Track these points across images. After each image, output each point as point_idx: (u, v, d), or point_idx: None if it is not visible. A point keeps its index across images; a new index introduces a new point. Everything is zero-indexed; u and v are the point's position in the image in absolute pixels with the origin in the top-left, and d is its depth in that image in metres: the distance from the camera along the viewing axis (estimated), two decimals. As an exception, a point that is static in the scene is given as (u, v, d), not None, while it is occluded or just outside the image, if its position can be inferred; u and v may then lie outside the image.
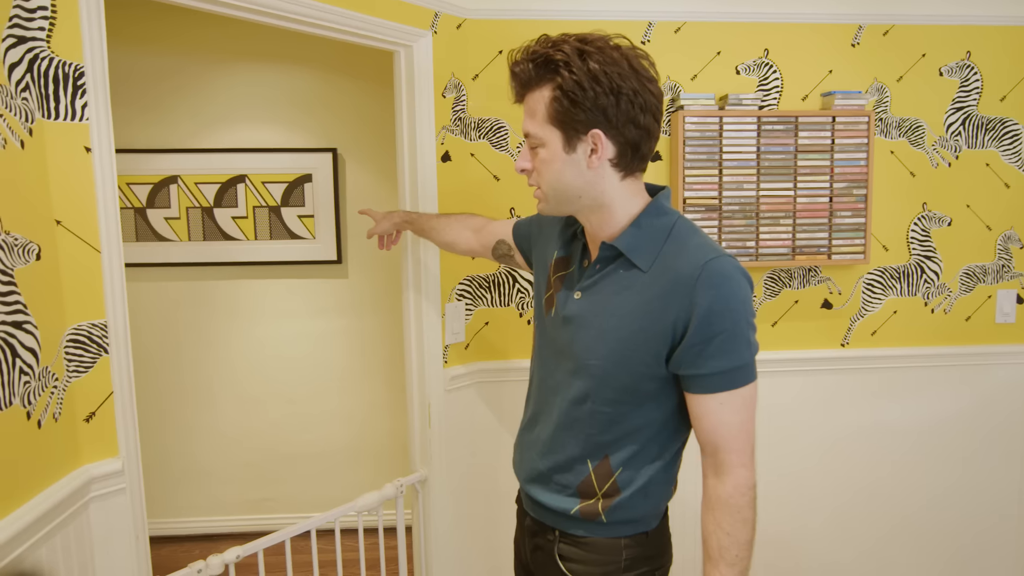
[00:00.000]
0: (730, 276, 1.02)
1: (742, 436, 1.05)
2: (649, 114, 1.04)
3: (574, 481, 1.16)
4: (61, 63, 1.24)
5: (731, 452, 1.05)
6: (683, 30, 2.07)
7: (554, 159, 1.06)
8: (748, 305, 1.04)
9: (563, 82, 1.00)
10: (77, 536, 1.29)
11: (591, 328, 1.11)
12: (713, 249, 1.04)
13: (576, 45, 1.01)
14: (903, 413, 2.25)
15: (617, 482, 1.13)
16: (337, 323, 3.09)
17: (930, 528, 2.30)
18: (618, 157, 1.05)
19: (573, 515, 1.16)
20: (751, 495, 1.06)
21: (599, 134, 1.03)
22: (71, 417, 1.30)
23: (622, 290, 1.08)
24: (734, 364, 1.03)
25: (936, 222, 2.21)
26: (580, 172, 1.06)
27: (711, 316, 1.01)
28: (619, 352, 1.08)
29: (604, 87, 0.99)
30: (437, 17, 1.90)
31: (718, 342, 1.02)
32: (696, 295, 1.01)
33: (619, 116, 1.01)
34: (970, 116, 2.17)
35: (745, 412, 1.05)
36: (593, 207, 1.10)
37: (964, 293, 2.24)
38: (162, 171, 2.95)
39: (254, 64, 2.92)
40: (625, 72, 1.00)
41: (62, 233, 1.27)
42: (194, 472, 3.09)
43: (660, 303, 1.04)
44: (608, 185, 1.07)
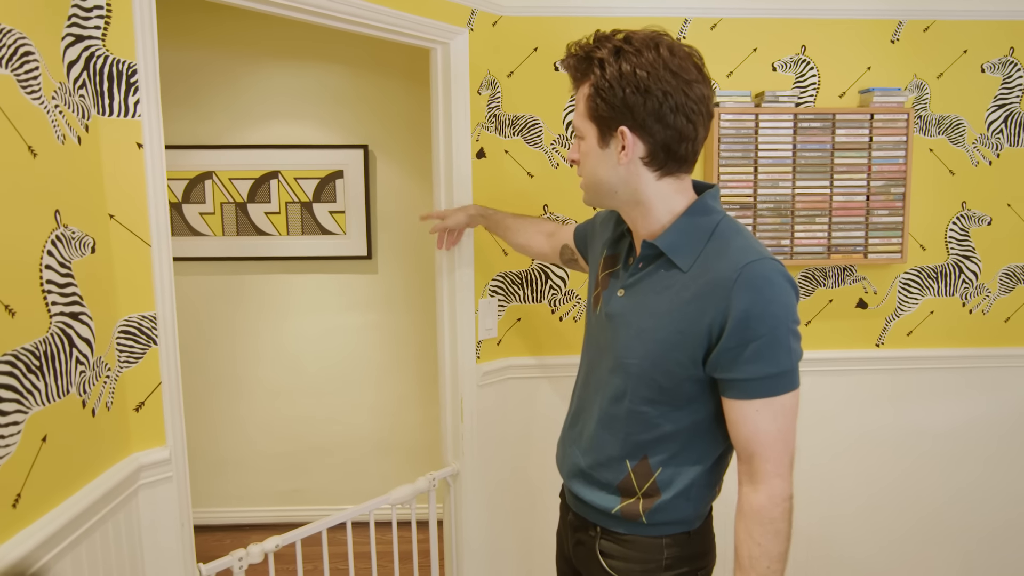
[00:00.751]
0: (770, 280, 1.00)
1: (779, 445, 1.03)
2: (681, 115, 1.03)
3: (614, 479, 1.16)
4: (116, 61, 1.27)
5: (767, 461, 1.03)
6: (719, 27, 2.06)
7: (591, 153, 1.10)
8: (790, 311, 1.02)
9: (596, 79, 1.05)
10: (127, 522, 1.32)
11: (630, 327, 1.12)
12: (755, 251, 1.03)
13: (616, 44, 1.04)
14: (939, 415, 2.22)
15: (657, 483, 1.13)
16: (367, 318, 3.12)
17: (962, 529, 2.27)
18: (649, 156, 1.06)
19: (614, 514, 1.16)
20: (786, 507, 1.03)
21: (626, 131, 1.05)
22: (122, 406, 1.33)
23: (662, 290, 1.08)
24: (772, 371, 1.01)
25: (975, 221, 2.17)
26: (613, 168, 1.08)
27: (748, 320, 0.99)
28: (656, 352, 1.08)
29: (632, 86, 1.01)
30: (474, 14, 1.92)
31: (755, 347, 1.00)
32: (733, 298, 0.99)
33: (646, 115, 1.02)
34: (1012, 113, 2.13)
35: (783, 420, 1.03)
36: (631, 203, 1.11)
37: (1003, 294, 2.21)
38: (197, 167, 3.00)
39: (286, 60, 2.95)
40: (657, 71, 1.01)
41: (115, 227, 1.30)
42: (225, 463, 3.14)
43: (698, 305, 1.03)
44: (643, 183, 1.08)
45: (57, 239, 1.14)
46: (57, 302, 1.14)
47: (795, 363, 1.03)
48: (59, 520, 1.12)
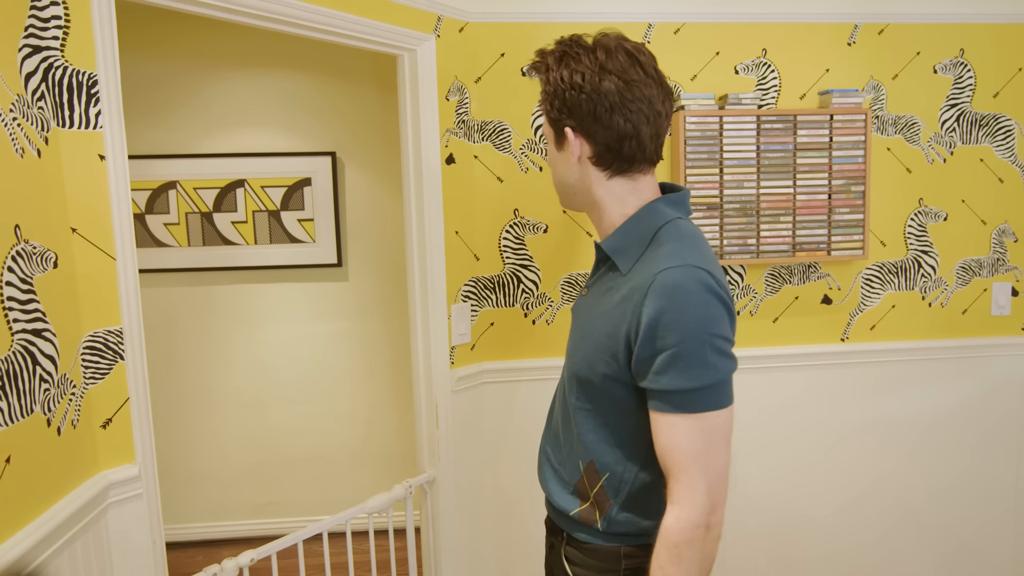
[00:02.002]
0: (684, 287, 0.95)
1: (695, 467, 0.95)
2: (618, 115, 1.02)
3: (571, 479, 1.15)
4: (75, 72, 1.25)
5: (678, 481, 0.96)
6: (682, 31, 2.09)
7: (551, 154, 1.14)
8: (708, 322, 0.95)
9: (544, 84, 1.08)
10: (96, 542, 1.30)
11: (581, 327, 1.14)
12: (678, 257, 0.98)
13: (562, 49, 1.06)
14: (903, 406, 2.28)
15: (605, 488, 1.09)
16: (338, 326, 3.09)
17: (931, 518, 2.33)
18: (596, 156, 1.06)
19: (573, 517, 1.14)
20: (693, 535, 0.95)
21: (569, 132, 1.06)
22: (89, 424, 1.30)
23: (606, 292, 1.08)
24: (685, 385, 0.94)
25: (932, 217, 2.24)
26: (569, 168, 1.10)
27: (657, 329, 0.95)
28: (590, 354, 1.07)
29: (574, 85, 1.03)
30: (440, 21, 1.92)
31: (665, 358, 0.95)
32: (644, 304, 0.96)
33: (583, 116, 1.04)
34: (964, 112, 2.21)
35: (702, 441, 0.95)
36: (588, 204, 1.12)
37: (960, 287, 2.28)
38: (161, 177, 2.95)
39: (251, 68, 2.92)
40: (591, 71, 1.02)
41: (78, 241, 1.28)
42: (197, 477, 3.08)
43: (621, 309, 1.01)
44: (594, 183, 1.09)
45: (17, 255, 1.12)
46: (19, 319, 1.12)
47: (716, 379, 0.95)
48: (26, 542, 1.09)
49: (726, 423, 0.97)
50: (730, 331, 0.99)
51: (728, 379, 0.98)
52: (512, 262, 2.12)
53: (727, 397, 0.98)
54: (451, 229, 2.01)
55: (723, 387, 0.97)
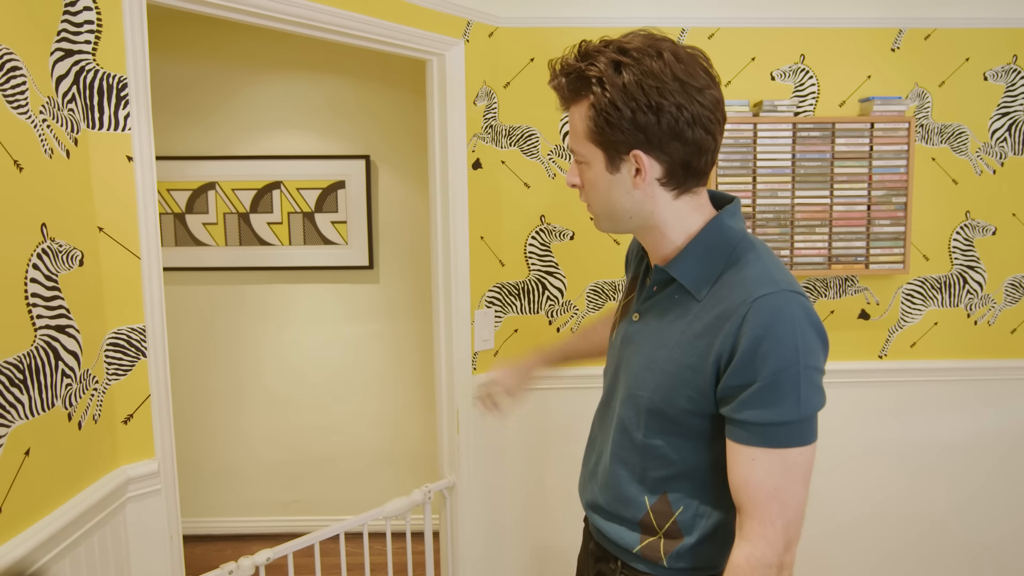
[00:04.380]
0: (784, 315, 0.88)
1: (772, 504, 0.89)
2: (699, 127, 0.92)
3: (634, 516, 1.06)
4: (105, 75, 1.28)
5: (753, 518, 0.90)
6: (716, 36, 2.05)
7: (599, 179, 0.98)
8: (805, 353, 0.88)
9: (596, 100, 0.92)
10: (114, 535, 1.32)
11: (642, 356, 1.03)
12: (772, 282, 0.91)
13: (612, 56, 0.91)
14: (943, 427, 2.18)
15: (678, 523, 1.02)
16: (369, 327, 3.12)
17: (965, 542, 2.22)
18: (667, 176, 0.95)
19: (635, 553, 1.06)
20: (765, 574, 0.89)
21: (640, 155, 0.93)
22: (110, 419, 1.33)
23: (675, 319, 0.99)
24: (774, 419, 0.88)
25: (980, 231, 2.14)
26: (627, 192, 0.96)
27: (753, 359, 0.88)
28: (667, 386, 0.98)
29: (641, 104, 0.89)
30: (469, 26, 1.92)
31: (756, 389, 0.88)
32: (740, 334, 0.89)
33: (661, 134, 0.91)
34: (1016, 121, 2.10)
35: (783, 479, 0.89)
36: (645, 227, 1.00)
37: (1009, 304, 2.17)
38: (201, 178, 3.02)
39: (289, 71, 2.97)
40: (667, 84, 0.89)
41: (104, 240, 1.31)
42: (225, 473, 3.14)
43: (708, 339, 0.93)
44: (659, 205, 0.97)
45: (43, 252, 1.15)
46: (43, 315, 1.15)
47: (806, 414, 0.89)
48: (43, 533, 1.12)
49: (808, 460, 0.90)
50: (823, 360, 0.92)
51: (815, 416, 0.91)
52: (537, 269, 2.10)
53: (812, 434, 0.91)
54: (476, 234, 2.00)
55: (810, 423, 0.91)
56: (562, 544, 2.19)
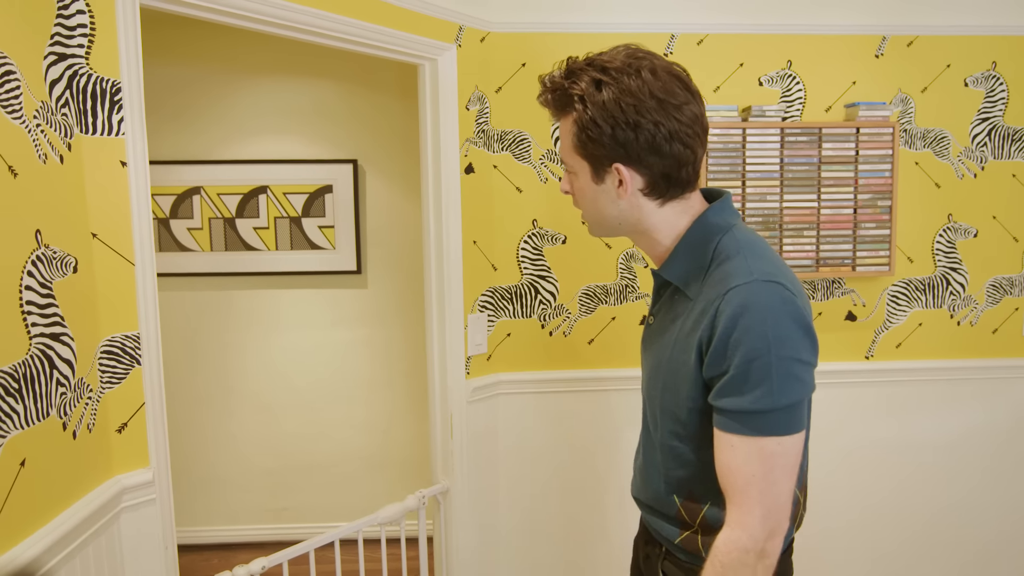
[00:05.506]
0: (753, 305, 0.90)
1: (750, 491, 0.90)
2: (677, 142, 0.96)
3: (670, 512, 1.09)
4: (99, 79, 1.26)
5: (735, 504, 0.92)
6: (705, 42, 2.07)
7: (587, 188, 1.04)
8: (777, 344, 0.89)
9: (579, 117, 0.97)
10: (108, 546, 1.30)
11: (653, 358, 1.08)
12: (746, 272, 0.93)
13: (593, 75, 0.96)
14: (930, 427, 2.22)
15: (707, 518, 1.04)
16: (357, 333, 3.10)
17: (955, 543, 2.26)
18: (649, 187, 1.00)
19: (677, 544, 1.09)
20: (742, 559, 0.90)
21: (621, 168, 0.98)
22: (104, 428, 1.31)
23: (675, 319, 1.03)
24: (747, 407, 0.90)
25: (962, 233, 2.19)
26: (613, 201, 1.02)
27: (725, 347, 0.90)
28: (672, 386, 1.01)
29: (620, 121, 0.94)
30: (461, 31, 1.92)
31: (729, 378, 0.91)
32: (715, 325, 0.92)
33: (640, 149, 0.96)
34: (996, 127, 2.15)
35: (760, 466, 0.90)
36: (635, 232, 1.06)
37: (991, 305, 2.22)
38: (185, 182, 2.99)
39: (274, 76, 2.95)
40: (644, 102, 0.94)
41: (98, 246, 1.29)
42: (213, 481, 3.10)
43: (695, 333, 0.96)
44: (645, 213, 1.02)
45: (38, 259, 1.13)
46: (37, 323, 1.13)
47: (781, 403, 0.89)
48: (39, 545, 1.10)
49: (790, 450, 0.91)
50: (805, 350, 0.92)
51: (797, 404, 0.91)
52: (530, 273, 2.11)
53: (795, 424, 0.91)
54: (469, 239, 2.00)
55: (789, 412, 0.90)
56: (557, 549, 2.19)
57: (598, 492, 2.18)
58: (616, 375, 2.14)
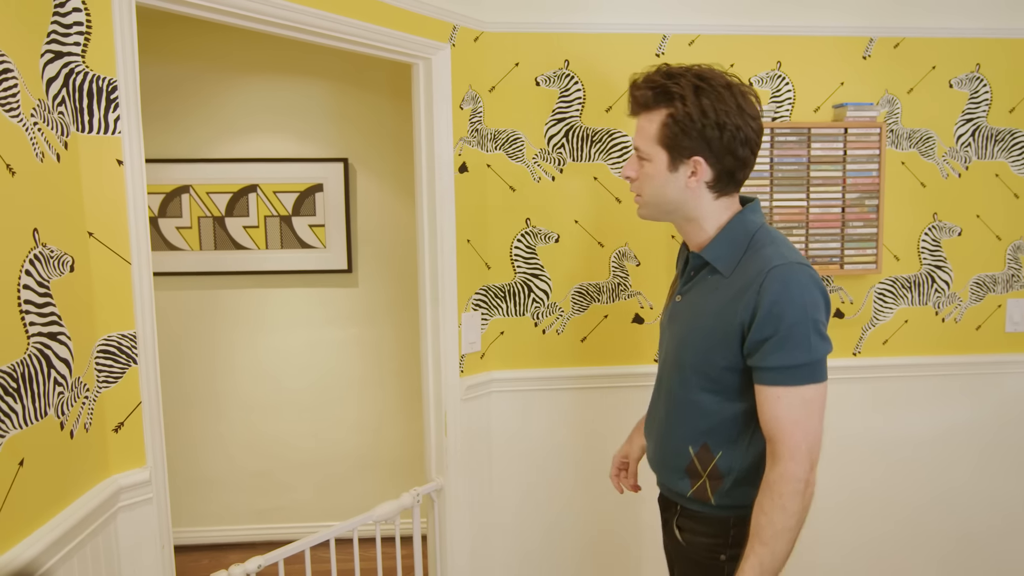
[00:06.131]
0: (791, 281, 1.12)
1: (796, 432, 1.12)
2: (747, 147, 1.19)
3: (683, 464, 1.28)
4: (95, 77, 1.26)
5: (782, 444, 1.13)
6: (696, 43, 2.09)
7: (658, 175, 1.23)
8: (811, 310, 1.12)
9: (676, 112, 1.17)
10: (106, 546, 1.30)
11: (685, 326, 1.28)
12: (782, 257, 1.16)
13: (693, 81, 1.17)
14: (916, 422, 2.26)
15: (718, 467, 1.24)
16: (347, 332, 3.10)
17: (940, 536, 2.31)
18: (714, 181, 1.21)
19: (689, 497, 1.29)
20: (795, 487, 1.12)
21: (700, 160, 1.19)
22: (101, 427, 1.31)
23: (710, 293, 1.23)
24: (791, 362, 1.12)
25: (946, 232, 2.23)
26: (679, 189, 1.22)
27: (771, 316, 1.12)
28: (705, 347, 1.21)
29: (711, 121, 1.15)
30: (455, 30, 1.93)
31: (776, 340, 1.12)
32: (760, 295, 1.12)
33: (720, 147, 1.17)
34: (979, 127, 2.19)
35: (802, 410, 1.12)
36: (686, 219, 1.26)
37: (974, 302, 2.26)
38: (174, 181, 2.97)
39: (264, 74, 2.94)
40: (731, 109, 1.16)
41: (94, 245, 1.28)
42: (202, 481, 3.09)
43: (733, 304, 1.17)
44: (701, 203, 1.23)
45: (35, 258, 1.12)
46: (35, 322, 1.12)
47: (815, 358, 1.13)
48: (37, 545, 1.09)
49: (821, 396, 1.14)
50: (826, 318, 1.16)
51: (824, 358, 1.14)
52: (523, 271, 2.12)
53: (822, 374, 1.14)
54: (463, 237, 2.01)
55: (820, 365, 1.14)
56: (551, 544, 2.21)
57: (592, 489, 2.19)
58: (609, 372, 2.16)
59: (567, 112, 2.08)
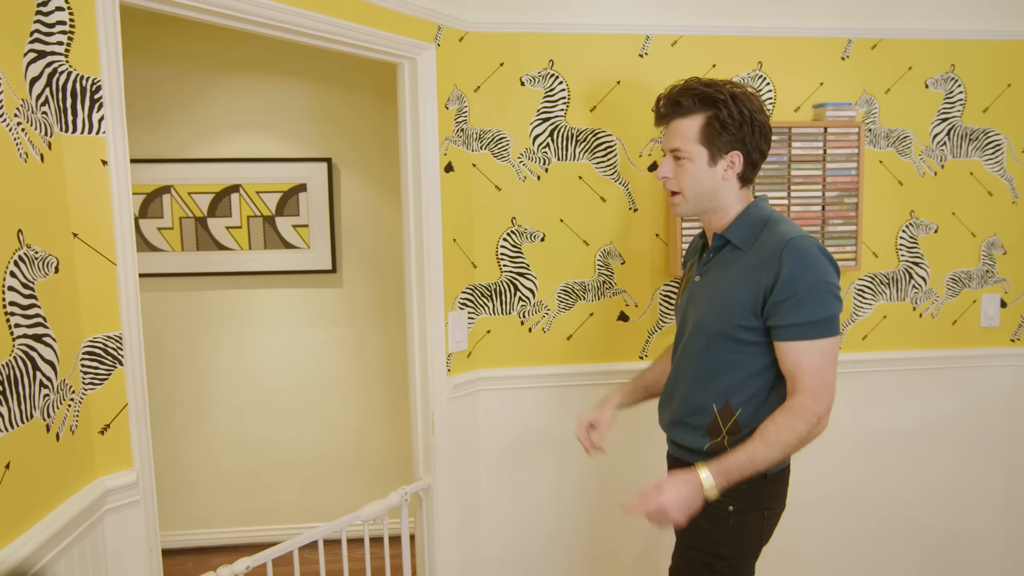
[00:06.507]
0: (807, 250, 1.32)
1: (817, 377, 1.31)
2: (767, 143, 1.44)
3: (703, 423, 1.44)
4: (79, 77, 1.25)
5: (804, 384, 1.31)
6: (679, 43, 2.12)
7: (698, 170, 1.42)
8: (825, 274, 1.32)
9: (719, 113, 1.38)
10: (92, 549, 1.29)
11: (706, 297, 1.45)
12: (795, 231, 1.36)
13: (730, 90, 1.39)
14: (893, 414, 2.31)
15: (738, 421, 1.41)
16: (332, 332, 3.09)
17: (919, 524, 2.35)
18: (743, 172, 1.43)
19: (705, 451, 1.43)
20: (810, 418, 1.29)
21: (738, 154, 1.40)
22: (87, 429, 1.30)
23: (730, 267, 1.42)
24: (811, 318, 1.30)
25: (923, 229, 2.28)
26: (716, 181, 1.42)
27: (791, 279, 1.30)
28: (729, 313, 1.38)
29: (747, 119, 1.38)
30: (440, 30, 1.93)
31: (796, 300, 1.30)
32: (780, 264, 1.31)
33: (752, 143, 1.40)
34: (955, 127, 2.24)
35: (822, 360, 1.31)
36: (714, 207, 1.45)
37: (950, 298, 2.31)
38: (155, 181, 2.94)
39: (249, 74, 2.92)
40: (757, 109, 1.40)
41: (79, 246, 1.27)
42: (186, 484, 3.06)
43: (754, 273, 1.35)
44: (730, 192, 1.44)
45: (20, 259, 1.11)
46: (20, 324, 1.11)
47: (831, 314, 1.32)
48: (23, 550, 1.08)
49: (835, 348, 1.34)
50: (837, 279, 1.35)
51: (837, 314, 1.34)
52: (509, 270, 2.13)
53: (837, 327, 1.34)
54: (449, 237, 2.01)
55: (835, 321, 1.33)
56: (539, 541, 2.22)
57: (579, 485, 2.21)
58: (595, 370, 2.17)
59: (552, 112, 2.09)
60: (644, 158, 2.15)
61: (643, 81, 2.11)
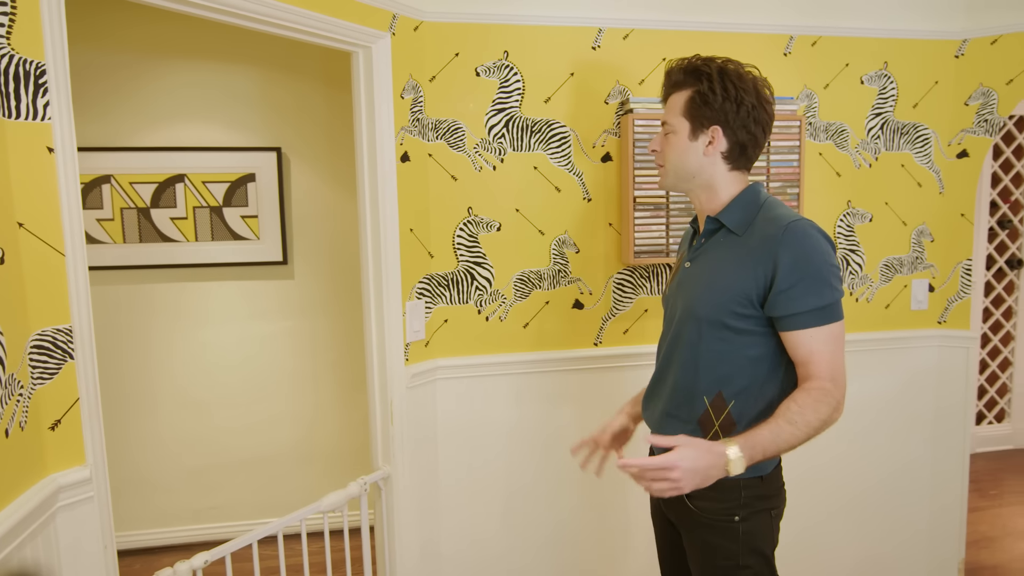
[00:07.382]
0: (808, 233, 1.27)
1: (833, 362, 1.27)
2: (759, 127, 1.36)
3: (694, 415, 1.38)
4: (22, 60, 1.20)
5: (821, 373, 1.26)
6: (631, 37, 2.16)
7: (679, 143, 1.39)
8: (828, 256, 1.27)
9: (701, 87, 1.34)
10: (45, 547, 1.25)
11: (698, 283, 1.39)
12: (793, 215, 1.31)
13: (720, 65, 1.35)
14: (833, 395, 2.42)
15: (731, 414, 1.35)
16: (283, 325, 3.04)
17: (856, 492, 2.49)
18: (728, 152, 1.37)
19: None
20: (830, 402, 1.24)
21: (718, 130, 1.35)
22: (36, 425, 1.26)
23: (724, 252, 1.36)
24: (819, 303, 1.25)
25: (859, 218, 2.40)
26: (697, 157, 1.37)
27: (795, 265, 1.25)
28: (722, 300, 1.32)
29: (731, 95, 1.32)
30: (395, 19, 1.92)
31: (803, 285, 1.25)
32: (780, 249, 1.26)
33: (736, 121, 1.34)
34: (887, 121, 2.37)
35: (833, 344, 1.27)
36: (703, 187, 1.40)
37: (884, 283, 2.44)
38: (93, 170, 2.83)
39: (194, 61, 2.84)
40: (749, 91, 1.34)
41: (25, 236, 1.23)
42: (136, 483, 2.98)
43: (751, 258, 1.30)
44: (717, 172, 1.38)
45: (-36, 250, 1.07)
46: (-34, 317, 1.07)
47: (837, 298, 1.27)
48: (-26, 550, 1.05)
49: (843, 331, 1.29)
50: (836, 260, 1.30)
51: (840, 297, 1.28)
52: (466, 260, 2.15)
53: (841, 312, 1.28)
54: (405, 227, 2.02)
55: (840, 304, 1.28)
56: (498, 528, 2.26)
57: (538, 472, 2.25)
58: (551, 357, 2.21)
59: (507, 103, 2.11)
60: (597, 148, 2.20)
61: (596, 73, 2.15)
